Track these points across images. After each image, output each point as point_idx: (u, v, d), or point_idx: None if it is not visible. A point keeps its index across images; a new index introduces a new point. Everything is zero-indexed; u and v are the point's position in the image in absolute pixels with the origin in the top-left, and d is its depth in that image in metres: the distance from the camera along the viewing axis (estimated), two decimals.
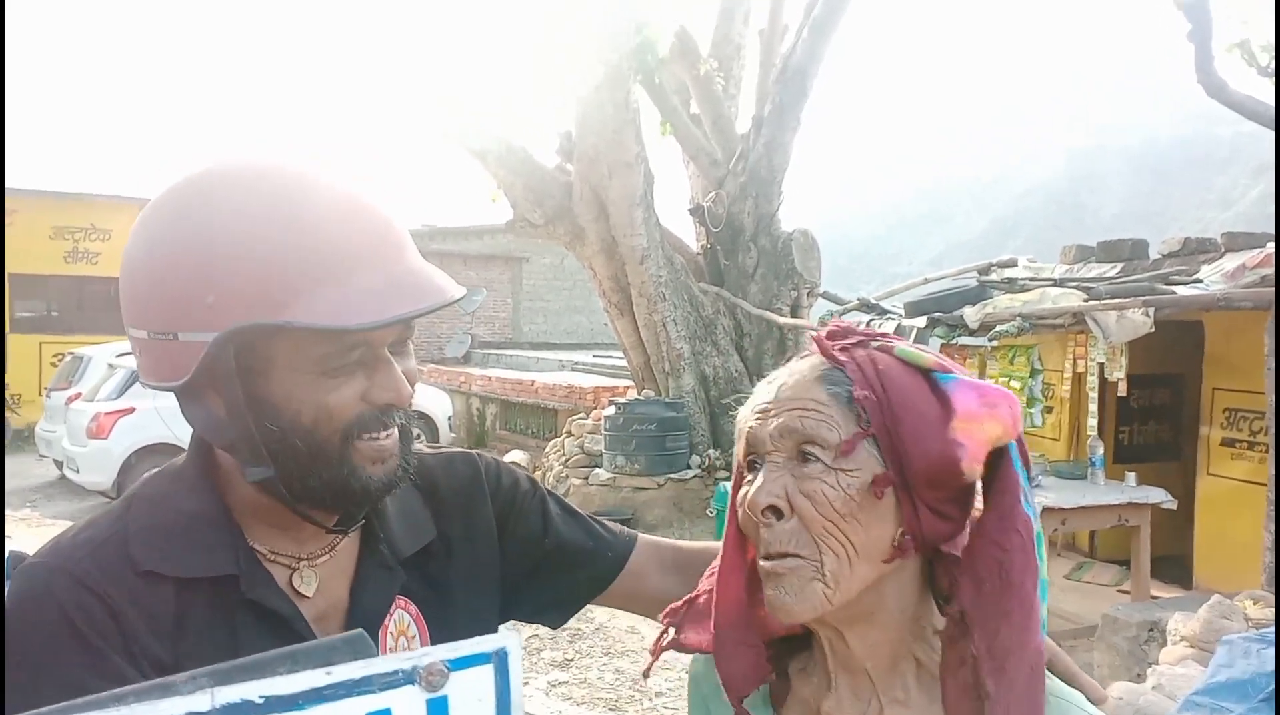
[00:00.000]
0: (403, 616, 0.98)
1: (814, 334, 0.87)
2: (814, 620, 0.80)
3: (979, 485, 0.81)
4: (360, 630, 0.61)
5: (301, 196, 0.84)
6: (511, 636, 0.62)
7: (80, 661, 0.80)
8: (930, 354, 0.82)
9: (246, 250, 0.80)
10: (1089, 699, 0.85)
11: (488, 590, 1.07)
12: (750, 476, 0.82)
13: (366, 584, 0.96)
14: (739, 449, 0.85)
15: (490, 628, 1.05)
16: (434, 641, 0.96)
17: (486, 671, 0.62)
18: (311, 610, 0.93)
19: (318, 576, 0.94)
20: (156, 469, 0.98)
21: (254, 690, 0.54)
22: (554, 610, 1.16)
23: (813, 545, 0.77)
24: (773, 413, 0.81)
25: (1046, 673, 0.80)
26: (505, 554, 1.09)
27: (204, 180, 0.85)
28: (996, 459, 0.80)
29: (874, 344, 0.83)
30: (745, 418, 0.84)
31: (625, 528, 1.19)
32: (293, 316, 0.80)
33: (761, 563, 0.80)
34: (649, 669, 0.99)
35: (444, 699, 0.59)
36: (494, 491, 1.10)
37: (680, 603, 0.96)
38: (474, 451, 1.16)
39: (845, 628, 0.81)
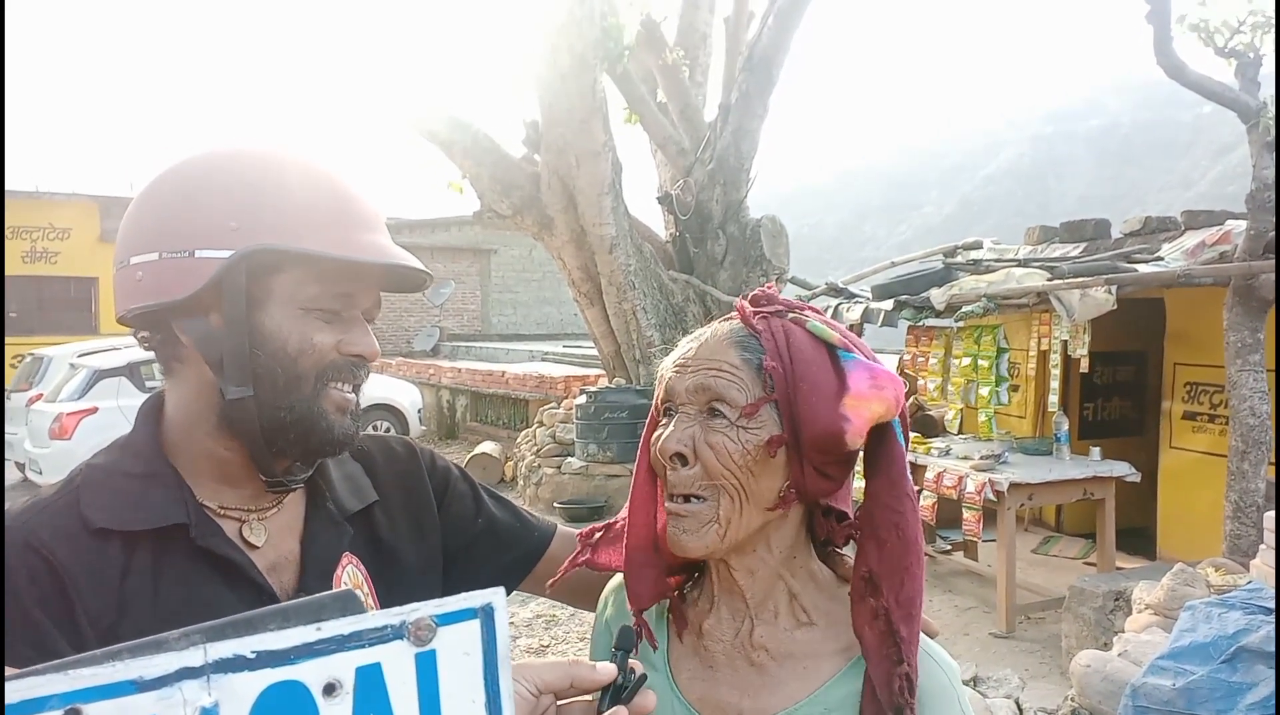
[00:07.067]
0: (354, 572, 1.01)
1: (737, 302, 0.95)
2: (706, 556, 0.91)
3: (861, 453, 0.91)
4: (350, 589, 0.63)
5: (321, 162, 0.98)
6: (498, 592, 0.64)
7: (18, 628, 0.83)
8: (836, 331, 0.90)
9: (274, 187, 0.92)
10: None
11: (434, 558, 1.12)
12: (665, 421, 0.92)
13: (316, 537, 1.01)
14: (658, 395, 0.93)
15: (438, 591, 1.09)
16: (382, 602, 1.00)
17: (473, 626, 0.63)
18: (263, 561, 0.97)
19: (267, 530, 0.99)
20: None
21: (246, 645, 0.55)
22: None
23: (712, 489, 0.88)
24: (690, 368, 0.90)
25: None
26: (444, 527, 1.15)
27: (237, 140, 0.98)
28: (882, 433, 0.90)
29: (789, 315, 0.92)
30: (666, 368, 0.93)
31: (545, 518, 1.28)
32: (307, 247, 0.90)
33: (667, 504, 0.91)
34: (555, 581, 1.09)
35: (432, 653, 0.60)
36: (430, 470, 1.18)
37: (599, 525, 1.07)
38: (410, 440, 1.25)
39: (731, 558, 0.92)
